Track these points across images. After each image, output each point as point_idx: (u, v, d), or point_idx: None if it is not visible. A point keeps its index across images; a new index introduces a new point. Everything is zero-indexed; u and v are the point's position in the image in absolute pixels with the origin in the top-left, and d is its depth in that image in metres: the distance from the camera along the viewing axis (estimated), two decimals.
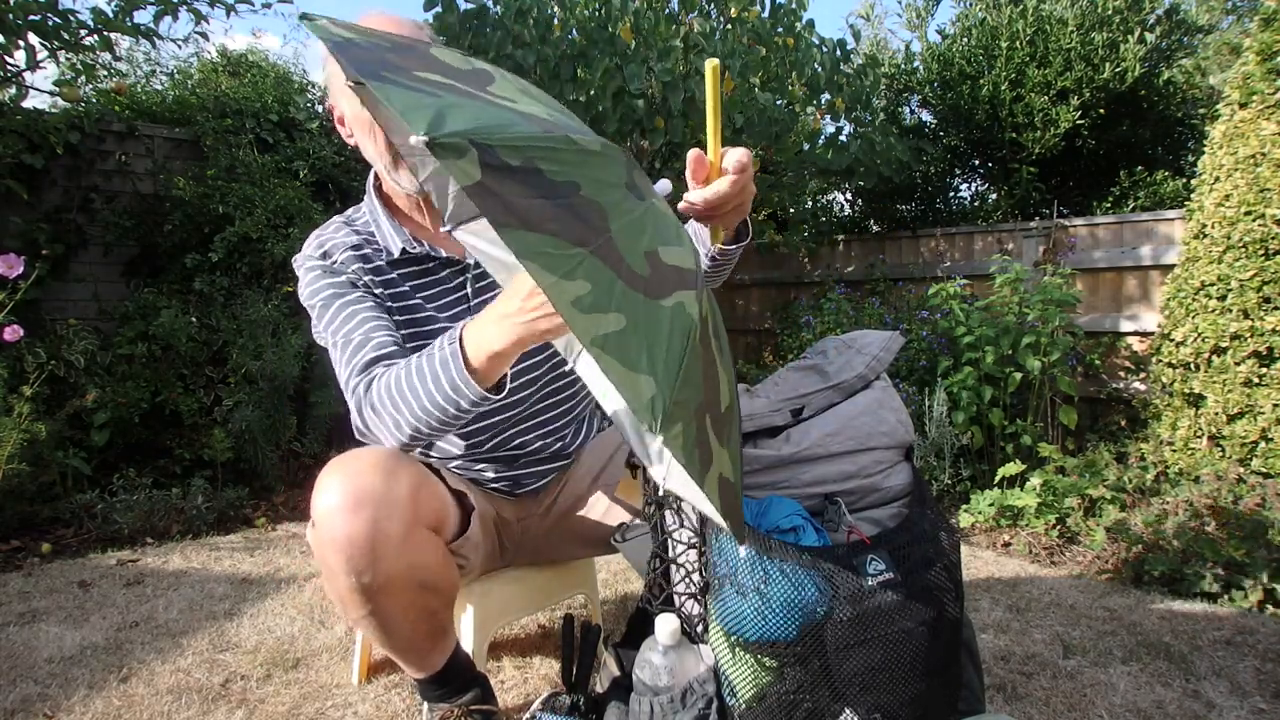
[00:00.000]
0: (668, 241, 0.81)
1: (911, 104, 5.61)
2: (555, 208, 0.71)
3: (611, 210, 0.75)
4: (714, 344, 0.85)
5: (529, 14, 3.50)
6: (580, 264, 0.70)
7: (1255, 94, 2.88)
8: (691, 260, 0.83)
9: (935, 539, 1.13)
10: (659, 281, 0.77)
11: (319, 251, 1.33)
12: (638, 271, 0.75)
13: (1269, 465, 2.70)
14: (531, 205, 0.70)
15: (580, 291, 0.69)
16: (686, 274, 0.81)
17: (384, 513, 1.09)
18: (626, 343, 0.71)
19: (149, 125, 3.89)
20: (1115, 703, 1.57)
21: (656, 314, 0.74)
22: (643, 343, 0.72)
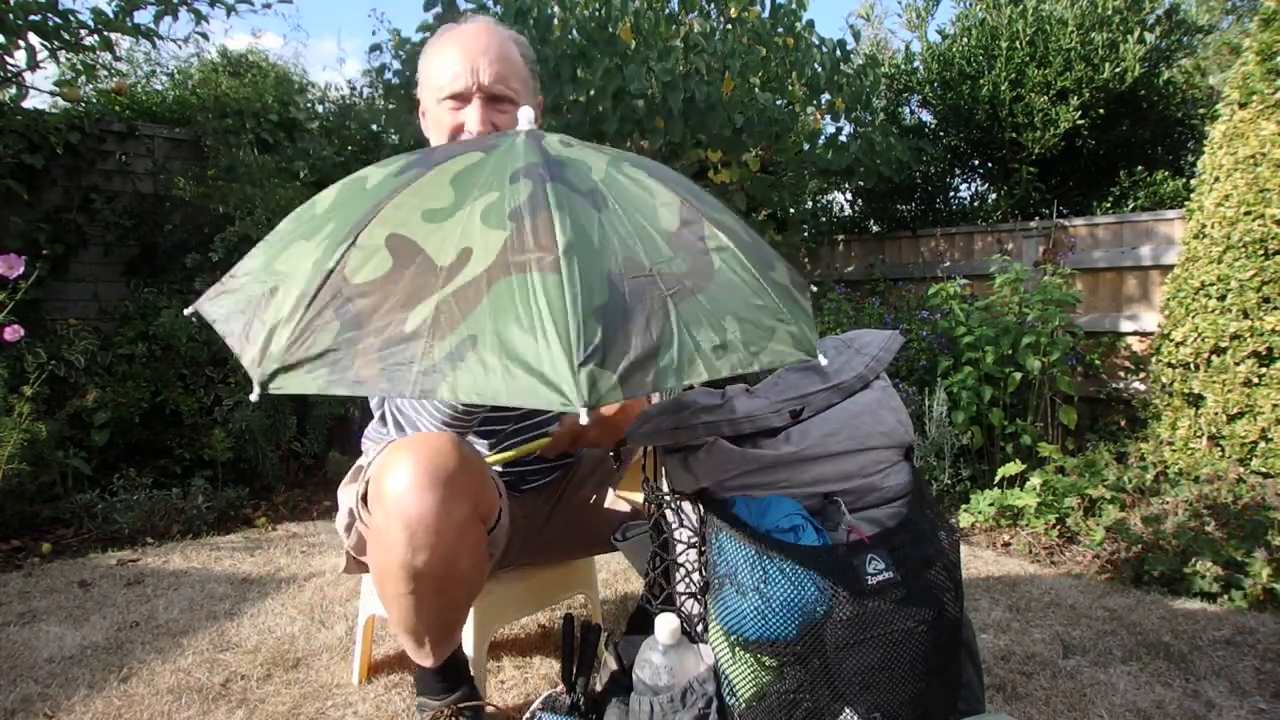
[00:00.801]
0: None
1: (911, 104, 5.60)
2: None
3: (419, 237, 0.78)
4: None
5: (529, 14, 3.50)
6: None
7: (1255, 94, 2.88)
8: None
9: (935, 538, 1.13)
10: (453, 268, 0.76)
11: None
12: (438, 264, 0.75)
13: (1269, 465, 2.70)
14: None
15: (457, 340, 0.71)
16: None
17: (454, 496, 1.12)
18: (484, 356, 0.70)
19: (149, 125, 3.89)
20: (1115, 702, 1.58)
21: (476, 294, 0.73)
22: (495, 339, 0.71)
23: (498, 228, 0.73)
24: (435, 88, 1.36)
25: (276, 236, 0.87)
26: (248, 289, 0.82)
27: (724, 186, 4.06)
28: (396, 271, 0.72)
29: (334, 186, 0.88)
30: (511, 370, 0.66)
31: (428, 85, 1.39)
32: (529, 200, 0.75)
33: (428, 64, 1.40)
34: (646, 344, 0.70)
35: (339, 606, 2.15)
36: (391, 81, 4.05)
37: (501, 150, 0.84)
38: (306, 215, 0.86)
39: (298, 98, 4.44)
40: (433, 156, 0.86)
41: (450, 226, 0.75)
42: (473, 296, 0.70)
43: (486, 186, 0.78)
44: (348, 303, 0.72)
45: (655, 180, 0.87)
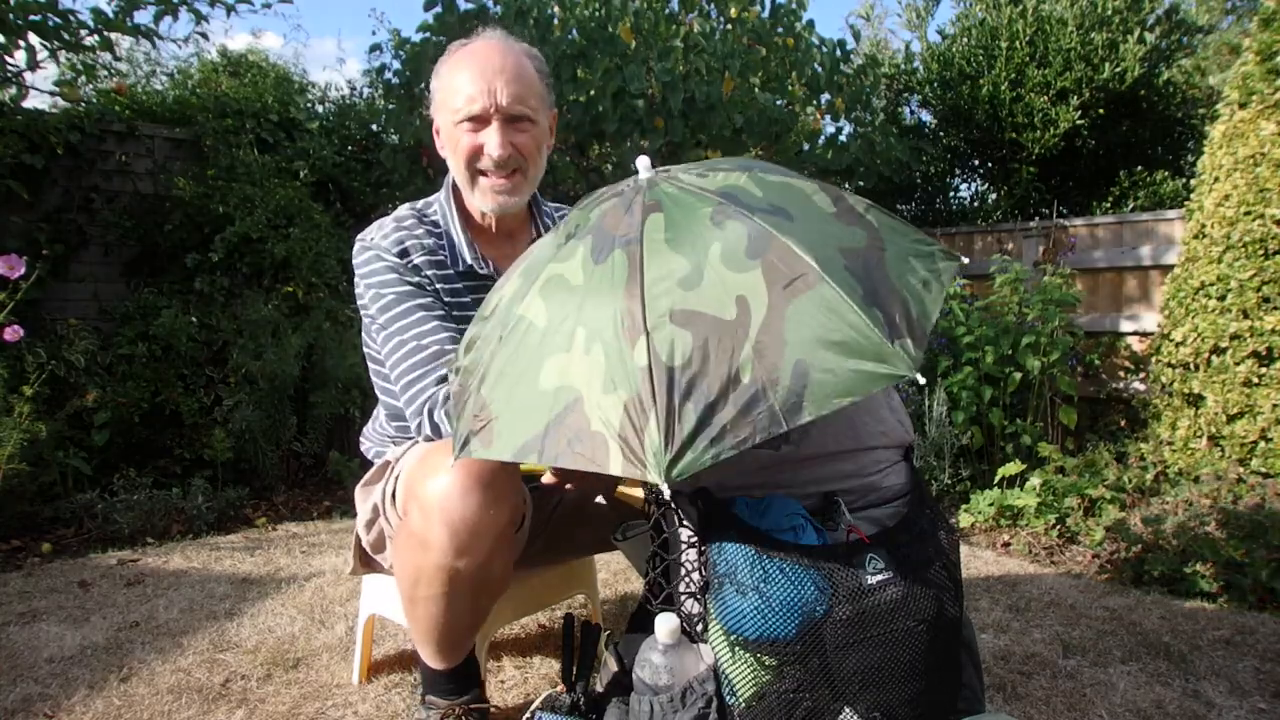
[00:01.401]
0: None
1: (911, 104, 5.61)
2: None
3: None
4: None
5: (529, 14, 3.51)
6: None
7: (1255, 94, 2.88)
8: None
9: (935, 538, 1.13)
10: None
11: (397, 248, 1.37)
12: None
13: (1269, 465, 2.70)
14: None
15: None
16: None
17: (498, 499, 1.13)
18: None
19: (149, 125, 3.89)
20: (1115, 702, 1.58)
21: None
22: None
23: (750, 269, 0.82)
24: (451, 110, 1.34)
25: (508, 366, 0.88)
26: (529, 415, 0.84)
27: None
28: (700, 341, 0.79)
29: (534, 300, 0.90)
30: (849, 365, 0.78)
31: (443, 107, 1.37)
32: (752, 238, 0.84)
33: (441, 85, 1.37)
34: (902, 306, 0.83)
35: (339, 606, 2.15)
36: (391, 81, 4.05)
37: (670, 201, 0.91)
38: (526, 335, 0.89)
39: (298, 98, 4.44)
40: (613, 230, 0.90)
41: (709, 285, 0.82)
42: (776, 329, 0.79)
43: (701, 240, 0.85)
44: (687, 384, 0.78)
45: (781, 175, 0.98)
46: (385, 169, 4.10)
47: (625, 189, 0.97)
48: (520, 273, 0.99)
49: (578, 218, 0.98)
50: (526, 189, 1.39)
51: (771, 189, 0.93)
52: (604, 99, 3.49)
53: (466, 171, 1.36)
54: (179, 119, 4.01)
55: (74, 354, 3.23)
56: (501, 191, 1.36)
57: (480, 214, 1.42)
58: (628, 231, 0.88)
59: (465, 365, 0.97)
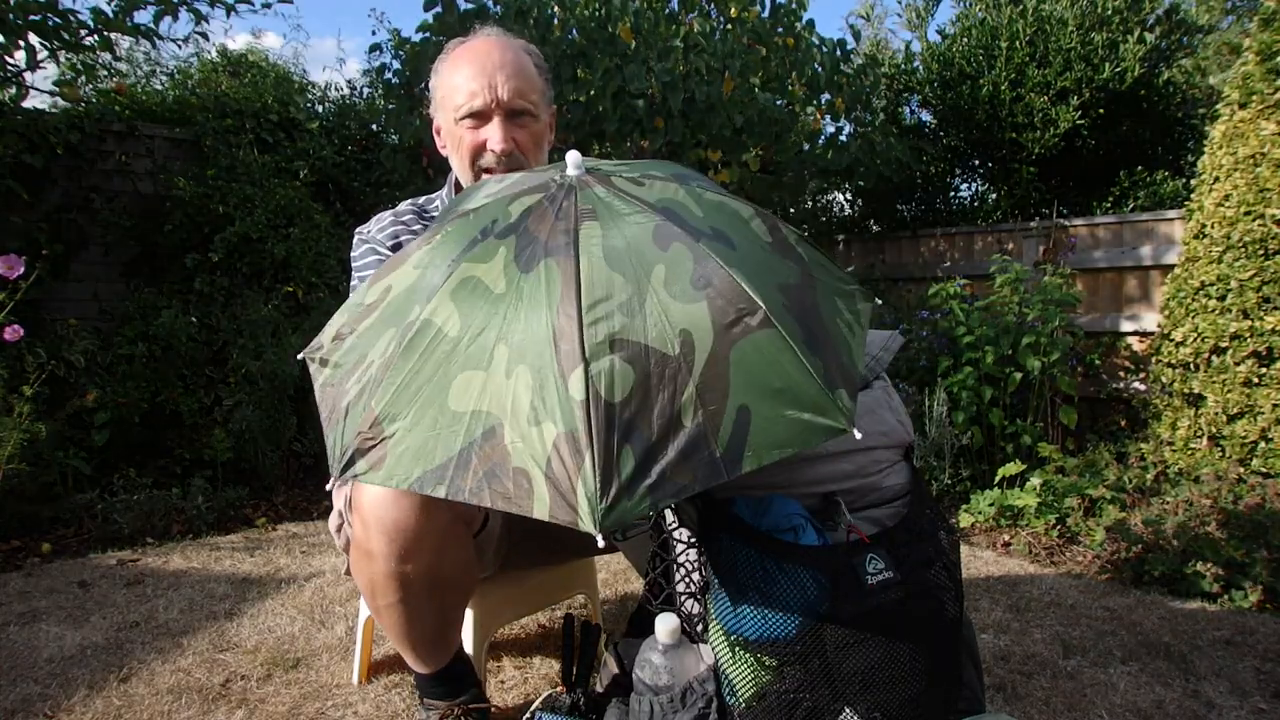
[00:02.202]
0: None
1: (911, 104, 5.60)
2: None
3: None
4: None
5: (529, 14, 3.51)
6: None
7: (1255, 94, 2.88)
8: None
9: (935, 538, 1.13)
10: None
11: (391, 242, 1.37)
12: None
13: (1269, 465, 2.70)
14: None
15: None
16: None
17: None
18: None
19: (149, 125, 3.89)
20: (1115, 703, 1.58)
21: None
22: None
23: (694, 300, 0.76)
24: (452, 107, 1.34)
25: (410, 378, 0.77)
26: (434, 439, 0.74)
27: (724, 186, 4.06)
28: (641, 376, 0.73)
29: (443, 303, 0.79)
30: (790, 415, 0.74)
31: (444, 105, 1.37)
32: (699, 265, 0.78)
33: (442, 83, 1.37)
34: (834, 354, 0.81)
35: (339, 606, 2.15)
36: (391, 81, 4.05)
37: (606, 210, 0.83)
38: (434, 344, 0.77)
39: (298, 98, 4.44)
40: (539, 234, 0.81)
41: (651, 313, 0.75)
42: (720, 372, 0.74)
43: (644, 260, 0.78)
44: (627, 423, 0.71)
45: (717, 192, 0.92)
46: (385, 169, 4.10)
47: (551, 185, 0.88)
48: (415, 262, 0.86)
49: (494, 209, 0.86)
50: None
51: (710, 209, 0.86)
52: (604, 99, 3.49)
53: (470, 170, 1.36)
54: (179, 119, 4.01)
55: (74, 354, 3.23)
56: None
57: None
58: (559, 239, 0.79)
59: (337, 360, 0.85)
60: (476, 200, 0.91)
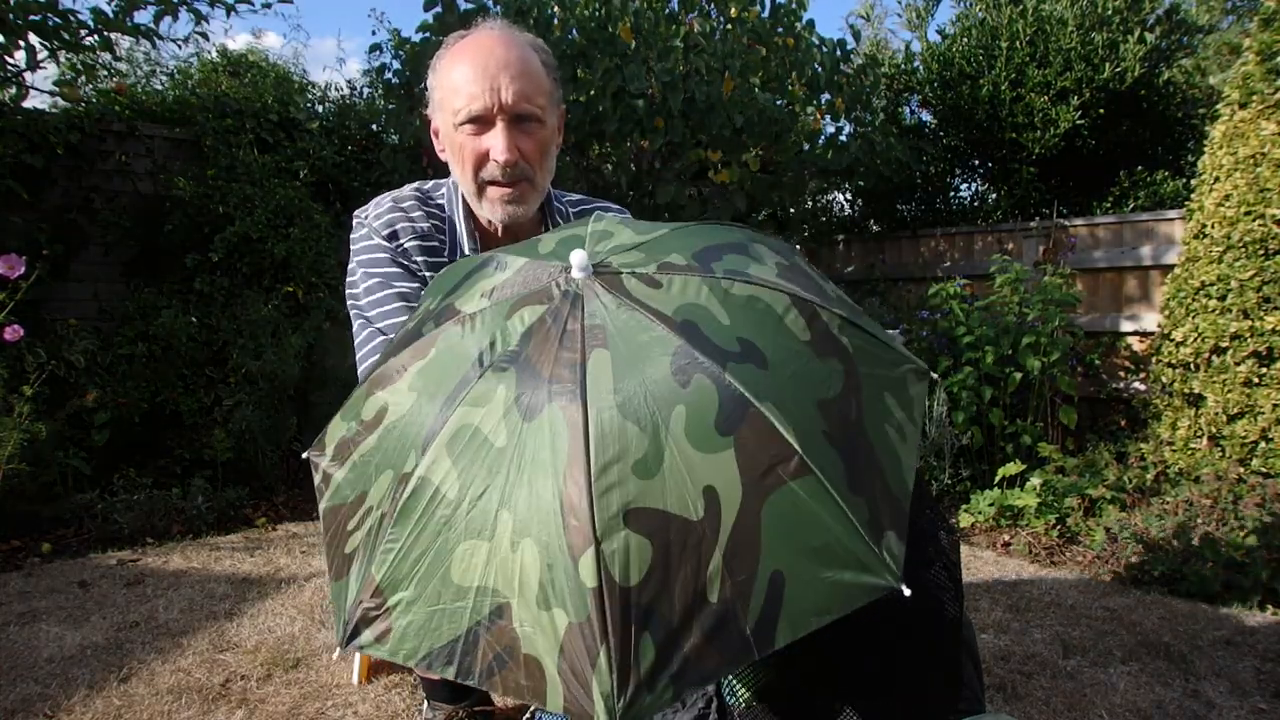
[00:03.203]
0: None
1: (911, 104, 5.60)
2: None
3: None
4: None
5: (529, 14, 3.50)
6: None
7: (1255, 94, 2.88)
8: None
9: (935, 538, 1.13)
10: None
11: (387, 230, 1.28)
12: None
13: (1269, 465, 2.70)
14: None
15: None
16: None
17: None
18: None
19: (149, 125, 3.89)
20: (1115, 703, 1.57)
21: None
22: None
23: (720, 448, 0.67)
24: (451, 110, 1.21)
25: (409, 544, 0.71)
26: (440, 616, 0.69)
27: (724, 186, 4.06)
28: (660, 551, 0.65)
29: (439, 459, 0.71)
30: (830, 577, 0.66)
31: (442, 106, 1.24)
32: (724, 405, 0.68)
33: (440, 82, 1.25)
34: (882, 482, 0.72)
35: None
36: (391, 81, 4.05)
37: (618, 333, 0.72)
38: (431, 506, 0.71)
39: (298, 98, 4.44)
40: (543, 368, 0.72)
41: (672, 471, 0.66)
42: (751, 534, 0.66)
43: (662, 403, 0.68)
44: (645, 608, 0.64)
45: (754, 283, 0.78)
46: (385, 169, 4.10)
47: (554, 290, 0.76)
48: (410, 381, 0.78)
49: (492, 323, 0.76)
50: (535, 197, 1.29)
51: (738, 311, 0.75)
52: (604, 99, 3.49)
53: (473, 182, 1.25)
54: (179, 119, 4.01)
55: (74, 354, 3.23)
56: (510, 201, 1.26)
57: (488, 222, 1.32)
58: (565, 377, 0.70)
59: (338, 483, 0.80)
60: (473, 297, 0.81)
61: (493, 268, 0.84)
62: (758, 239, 0.88)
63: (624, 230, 0.85)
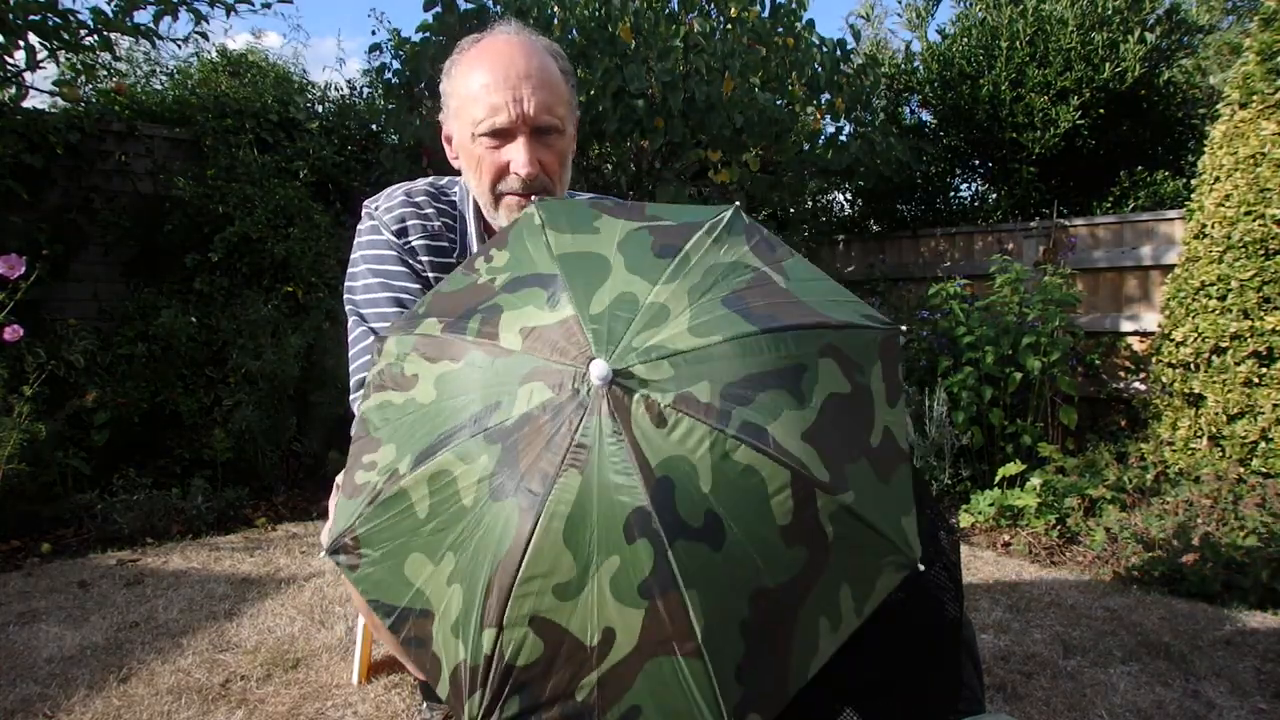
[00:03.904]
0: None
1: (911, 104, 5.60)
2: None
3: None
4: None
5: (529, 14, 3.51)
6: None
7: (1255, 94, 2.88)
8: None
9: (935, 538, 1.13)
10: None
11: (397, 225, 1.26)
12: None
13: (1269, 465, 2.70)
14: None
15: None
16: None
17: None
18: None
19: (149, 125, 3.89)
20: (1115, 703, 1.57)
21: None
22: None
23: (633, 605, 0.73)
24: (470, 120, 1.18)
25: (383, 528, 0.82)
26: (389, 586, 0.82)
27: (724, 186, 4.06)
28: (549, 653, 0.75)
29: (420, 483, 0.79)
30: None
31: (458, 115, 1.21)
32: (655, 575, 0.73)
33: (456, 90, 1.21)
34: (780, 673, 0.78)
35: (339, 606, 2.15)
36: (391, 81, 4.05)
37: (597, 467, 0.74)
38: (402, 514, 0.81)
39: (297, 98, 4.44)
40: (522, 465, 0.75)
41: (583, 603, 0.74)
42: (628, 675, 0.75)
43: (601, 547, 0.73)
44: (521, 682, 0.76)
45: (762, 451, 0.75)
46: (385, 169, 4.09)
47: (567, 384, 0.76)
48: (446, 374, 0.82)
49: (504, 382, 0.79)
50: None
51: (727, 481, 0.74)
52: (604, 99, 3.49)
53: (490, 194, 1.23)
54: (179, 119, 4.01)
55: (74, 354, 3.23)
56: None
57: (500, 227, 1.28)
58: (535, 482, 0.74)
59: (375, 420, 0.87)
60: (513, 326, 0.81)
61: (546, 298, 0.82)
62: (837, 346, 0.80)
63: (683, 317, 0.79)
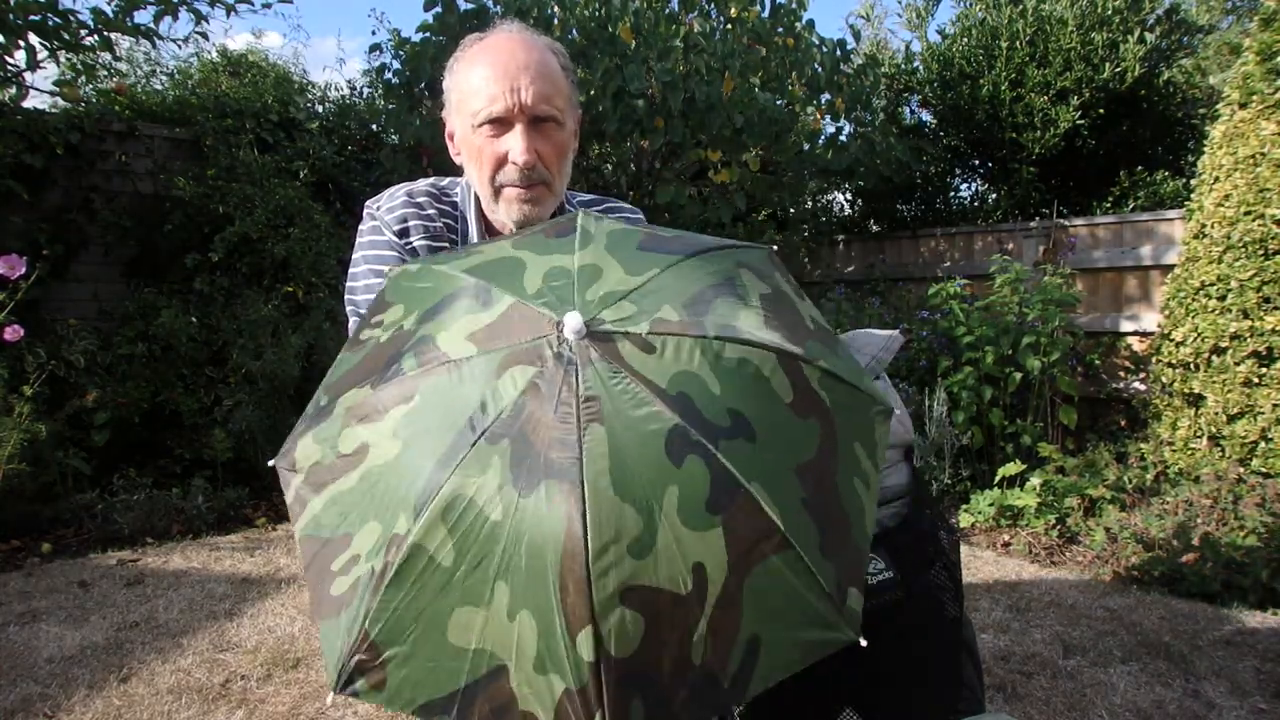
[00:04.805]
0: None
1: (911, 104, 5.60)
2: None
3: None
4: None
5: (529, 14, 3.51)
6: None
7: (1255, 94, 2.88)
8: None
9: (935, 538, 1.13)
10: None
11: (399, 225, 1.27)
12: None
13: (1269, 465, 2.70)
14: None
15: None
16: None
17: None
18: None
19: (149, 125, 3.89)
20: (1115, 702, 1.58)
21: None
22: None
23: (708, 527, 0.70)
24: (470, 112, 1.20)
25: (404, 607, 0.72)
26: (437, 673, 0.72)
27: (724, 186, 4.06)
28: (653, 626, 0.69)
29: (433, 527, 0.71)
30: (799, 636, 0.73)
31: (459, 109, 1.23)
32: (714, 485, 0.70)
33: (457, 84, 1.24)
34: (850, 538, 0.77)
35: None
36: (391, 81, 4.05)
37: (613, 407, 0.71)
38: (427, 574, 0.71)
39: (298, 98, 4.44)
40: (538, 440, 0.71)
41: (664, 550, 0.69)
42: (732, 606, 0.71)
43: (656, 484, 0.69)
44: (635, 678, 0.69)
45: (744, 342, 0.77)
46: (385, 169, 4.10)
47: (546, 352, 0.74)
48: (392, 427, 0.76)
49: (480, 379, 0.74)
50: (551, 201, 1.27)
51: (729, 377, 0.75)
52: (604, 99, 3.49)
53: (490, 185, 1.24)
54: (179, 119, 4.01)
55: (74, 354, 3.23)
56: (526, 201, 1.24)
57: (501, 224, 1.30)
58: (561, 454, 0.70)
59: (316, 510, 0.81)
60: (456, 337, 0.77)
61: (476, 301, 0.79)
62: (743, 262, 0.86)
63: (613, 265, 0.81)
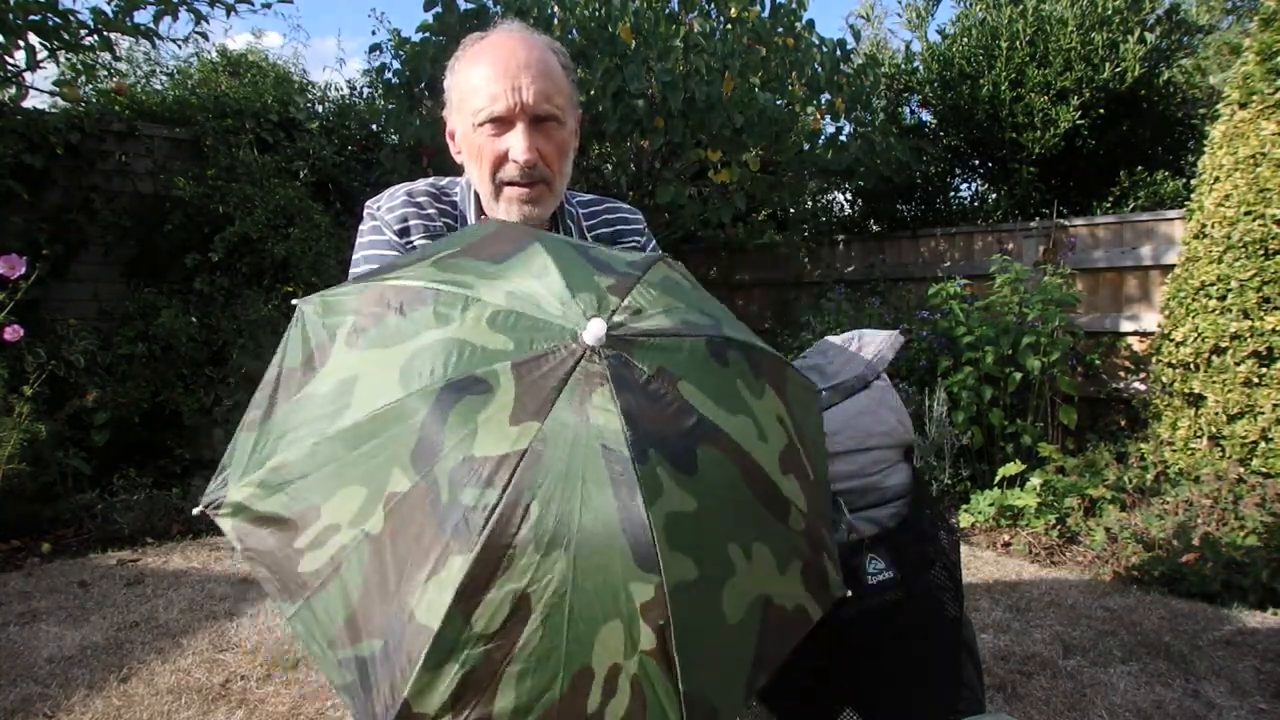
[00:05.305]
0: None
1: (911, 104, 5.60)
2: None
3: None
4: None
5: (529, 14, 3.51)
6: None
7: (1255, 94, 2.88)
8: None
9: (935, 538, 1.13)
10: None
11: (399, 224, 1.28)
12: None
13: (1269, 465, 2.70)
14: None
15: None
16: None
17: None
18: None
19: (149, 125, 3.89)
20: (1115, 702, 1.58)
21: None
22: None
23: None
24: (471, 111, 1.21)
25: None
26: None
27: (724, 186, 4.06)
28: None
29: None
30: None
31: (460, 107, 1.24)
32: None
33: (458, 83, 1.25)
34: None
35: None
36: (391, 81, 4.05)
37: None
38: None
39: (297, 98, 4.45)
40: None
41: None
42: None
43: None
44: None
45: (721, 453, 0.71)
46: (385, 169, 4.10)
47: (563, 346, 0.70)
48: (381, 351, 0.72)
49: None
50: (551, 200, 1.28)
51: (713, 480, 0.69)
52: (604, 99, 3.49)
53: (491, 183, 1.24)
54: (179, 119, 4.01)
55: (74, 354, 3.23)
56: (527, 201, 1.25)
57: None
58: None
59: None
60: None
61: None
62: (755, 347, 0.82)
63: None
